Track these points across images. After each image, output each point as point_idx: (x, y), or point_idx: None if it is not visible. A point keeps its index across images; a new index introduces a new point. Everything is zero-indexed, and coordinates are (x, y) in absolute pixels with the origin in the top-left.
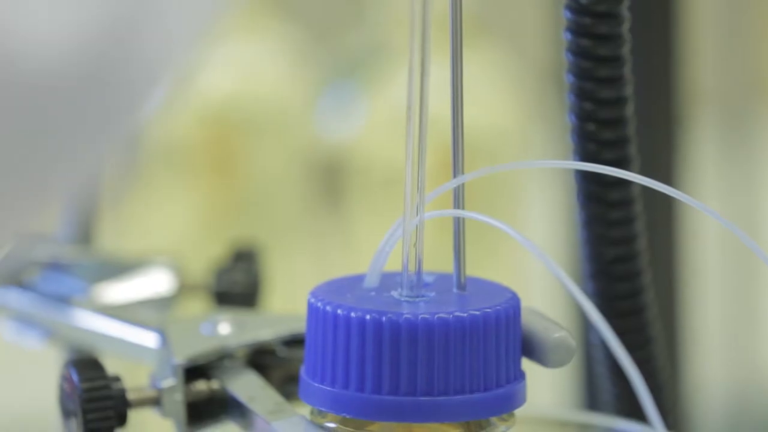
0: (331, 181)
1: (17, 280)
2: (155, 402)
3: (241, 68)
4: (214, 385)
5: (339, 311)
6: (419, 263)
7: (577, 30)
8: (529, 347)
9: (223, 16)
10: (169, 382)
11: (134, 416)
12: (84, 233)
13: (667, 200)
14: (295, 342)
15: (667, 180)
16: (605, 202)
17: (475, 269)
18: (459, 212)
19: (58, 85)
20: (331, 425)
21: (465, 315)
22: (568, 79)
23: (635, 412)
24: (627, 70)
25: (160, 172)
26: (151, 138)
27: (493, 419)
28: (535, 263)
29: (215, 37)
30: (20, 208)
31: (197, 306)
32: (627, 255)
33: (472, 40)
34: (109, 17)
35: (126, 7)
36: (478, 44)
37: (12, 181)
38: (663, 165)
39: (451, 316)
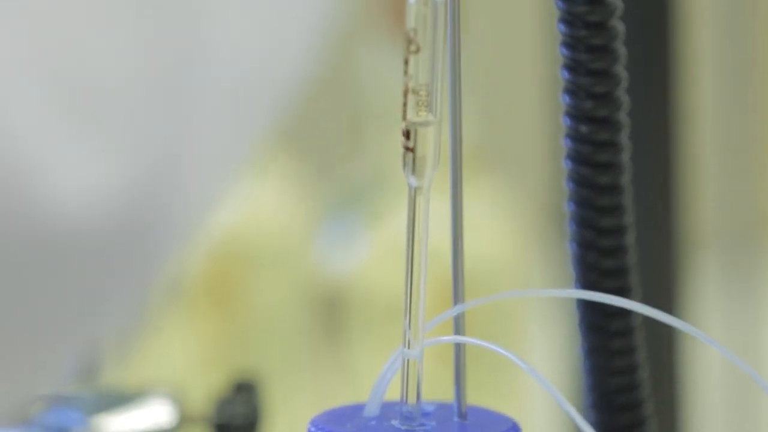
0: (331, 313)
1: (21, 417)
2: None
3: (240, 201)
4: None
5: None
6: (419, 392)
7: (577, 158)
8: None
9: (239, 169)
10: None
11: None
12: (88, 369)
13: (669, 330)
14: None
15: (668, 309)
16: (607, 332)
17: (475, 397)
18: (460, 338)
19: (79, 243)
20: None
21: None
22: (568, 208)
23: None
24: (627, 198)
25: (162, 303)
26: (163, 279)
27: None
28: (536, 392)
29: (231, 188)
30: (34, 354)
31: None
32: (629, 385)
33: (472, 172)
34: (130, 176)
35: (147, 169)
36: (478, 176)
37: (27, 329)
38: (664, 295)
39: None
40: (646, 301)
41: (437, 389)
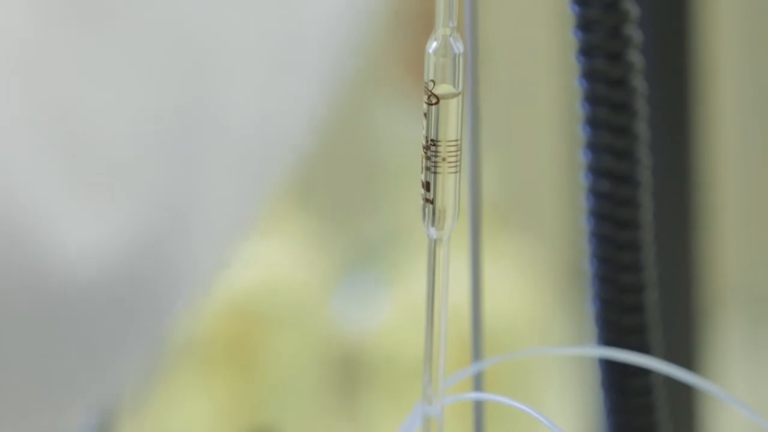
0: (348, 372)
1: None
2: None
3: (258, 260)
4: None
5: None
6: None
7: (598, 214)
8: None
9: (249, 226)
10: None
11: None
12: (101, 427)
13: (690, 389)
14: None
15: (690, 368)
16: (627, 390)
17: None
18: (480, 395)
19: (85, 299)
20: None
21: None
22: (589, 265)
23: None
24: (649, 255)
25: (178, 363)
26: (173, 336)
27: None
28: None
29: (239, 245)
30: (44, 414)
31: None
32: None
33: (493, 229)
34: (137, 232)
35: (153, 222)
36: (498, 233)
37: (37, 388)
38: (686, 353)
39: None
40: (668, 359)
41: None
